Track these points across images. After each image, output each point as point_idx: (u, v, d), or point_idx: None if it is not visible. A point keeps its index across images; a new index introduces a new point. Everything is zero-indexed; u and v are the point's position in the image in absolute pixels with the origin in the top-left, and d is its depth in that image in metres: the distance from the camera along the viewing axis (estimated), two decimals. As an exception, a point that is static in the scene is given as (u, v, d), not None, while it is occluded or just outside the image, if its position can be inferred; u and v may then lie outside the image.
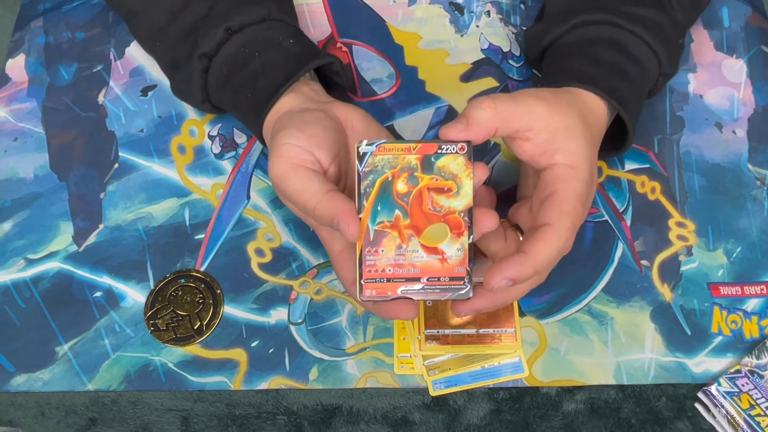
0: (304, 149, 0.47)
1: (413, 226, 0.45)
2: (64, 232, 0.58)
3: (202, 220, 0.58)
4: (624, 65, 0.53)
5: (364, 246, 0.45)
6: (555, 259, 0.46)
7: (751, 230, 0.58)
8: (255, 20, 0.54)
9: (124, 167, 0.60)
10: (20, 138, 0.61)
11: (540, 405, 0.53)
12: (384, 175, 0.45)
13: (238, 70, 0.53)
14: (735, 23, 0.66)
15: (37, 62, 0.64)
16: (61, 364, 0.54)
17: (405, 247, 0.45)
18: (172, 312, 0.55)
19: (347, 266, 0.48)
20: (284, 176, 0.47)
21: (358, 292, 0.45)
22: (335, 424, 0.53)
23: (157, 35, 0.57)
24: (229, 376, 0.53)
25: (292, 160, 0.47)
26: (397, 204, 0.45)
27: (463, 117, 0.45)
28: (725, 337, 0.55)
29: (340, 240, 0.49)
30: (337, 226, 0.44)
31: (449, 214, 0.45)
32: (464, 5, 0.67)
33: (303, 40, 0.56)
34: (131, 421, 0.53)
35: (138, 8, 0.57)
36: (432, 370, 0.52)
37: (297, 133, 0.48)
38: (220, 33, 0.53)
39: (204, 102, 0.57)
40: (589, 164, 0.47)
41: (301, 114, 0.50)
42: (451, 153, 0.45)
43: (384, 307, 0.47)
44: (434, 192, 0.45)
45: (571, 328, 0.55)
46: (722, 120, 0.62)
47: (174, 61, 0.56)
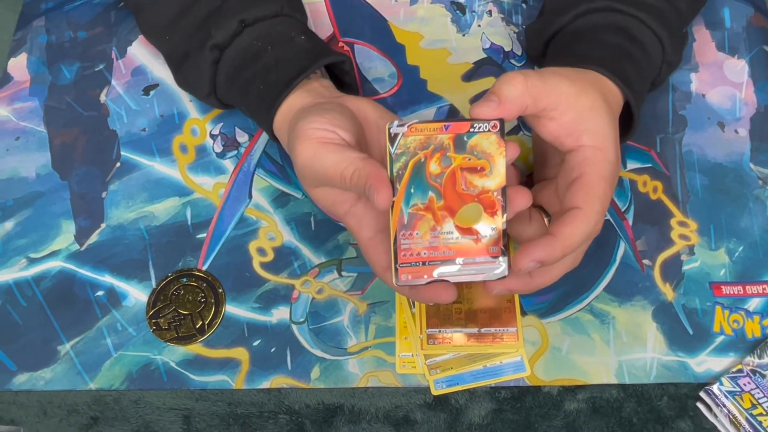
0: (328, 130, 0.47)
1: (447, 207, 0.44)
2: (66, 231, 0.58)
3: (203, 219, 0.58)
4: (629, 48, 0.52)
5: (398, 230, 0.44)
6: (585, 242, 0.46)
7: (753, 230, 0.58)
8: (268, 15, 0.55)
9: (125, 166, 0.60)
10: (22, 137, 0.61)
11: (542, 404, 0.53)
12: (417, 156, 0.44)
13: (251, 63, 0.53)
14: (736, 24, 0.66)
15: (39, 61, 0.64)
16: (62, 363, 0.54)
17: (440, 229, 0.44)
18: (173, 311, 0.55)
19: (378, 252, 0.47)
20: (315, 155, 0.46)
21: (394, 277, 0.45)
22: (337, 424, 0.53)
23: (168, 28, 0.57)
24: (231, 376, 0.53)
25: (320, 140, 0.46)
26: (431, 185, 0.44)
27: (494, 94, 0.44)
28: (727, 337, 0.55)
29: (369, 226, 0.48)
30: (369, 191, 0.43)
31: (483, 194, 0.44)
32: (466, 4, 0.67)
33: (314, 37, 0.56)
34: (133, 420, 0.53)
35: (148, 1, 0.57)
36: (434, 370, 0.52)
37: (318, 118, 0.47)
38: (233, 25, 0.54)
39: (210, 95, 0.57)
40: (615, 145, 0.47)
41: (317, 105, 0.50)
42: (484, 131, 0.44)
43: (422, 290, 0.46)
44: (467, 172, 0.44)
45: (573, 328, 0.55)
46: (724, 119, 0.62)
47: (184, 53, 0.56)
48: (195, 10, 0.55)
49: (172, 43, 0.57)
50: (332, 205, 0.49)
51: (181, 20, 0.56)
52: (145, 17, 0.59)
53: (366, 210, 0.48)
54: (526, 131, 0.61)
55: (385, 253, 0.46)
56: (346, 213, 0.49)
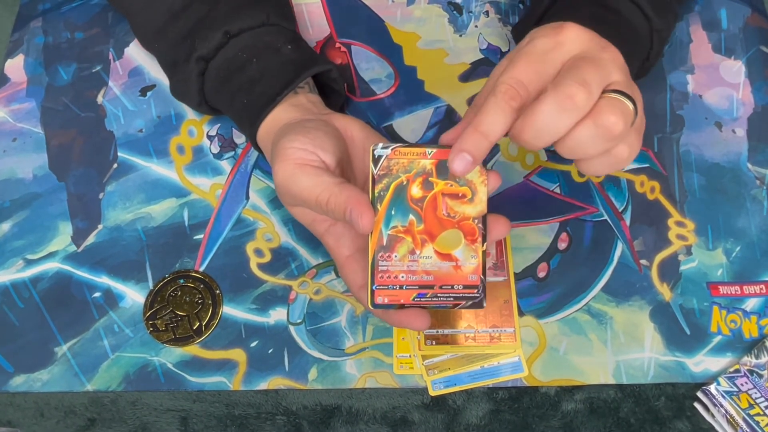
0: (308, 151, 0.47)
1: (427, 231, 0.44)
2: (63, 232, 0.58)
3: (201, 220, 0.58)
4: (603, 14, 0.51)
5: (377, 251, 0.44)
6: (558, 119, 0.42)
7: (750, 229, 0.58)
8: (254, 25, 0.54)
9: (123, 167, 0.60)
10: (19, 138, 0.61)
11: (539, 405, 0.53)
12: (399, 179, 0.44)
13: (235, 75, 0.53)
14: (733, 25, 0.66)
15: (36, 62, 0.64)
16: (60, 364, 0.54)
17: (419, 252, 0.44)
18: (171, 312, 0.55)
19: (355, 270, 0.48)
20: (292, 177, 0.46)
21: (370, 299, 0.44)
22: (334, 425, 0.53)
23: (156, 35, 0.57)
24: (229, 377, 0.53)
25: (298, 161, 0.47)
26: (412, 209, 0.44)
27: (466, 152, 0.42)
28: (724, 337, 0.55)
29: (347, 245, 0.49)
30: (350, 216, 0.43)
31: (463, 221, 0.44)
32: (463, 5, 0.67)
33: (301, 45, 0.56)
34: (130, 422, 0.53)
35: (137, 7, 0.57)
36: (431, 370, 0.52)
37: (300, 137, 0.47)
38: (218, 37, 0.53)
39: (201, 104, 0.57)
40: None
41: (301, 122, 0.50)
42: None
43: (396, 315, 0.46)
44: (449, 198, 0.44)
45: (571, 328, 0.55)
46: (722, 119, 0.62)
47: (173, 62, 0.56)
48: (183, 18, 0.55)
49: (161, 51, 0.57)
50: (312, 224, 0.50)
51: (168, 28, 0.55)
52: (136, 24, 0.58)
53: (345, 229, 0.49)
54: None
55: (362, 272, 0.47)
56: (326, 231, 0.50)
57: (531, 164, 0.60)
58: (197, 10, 0.55)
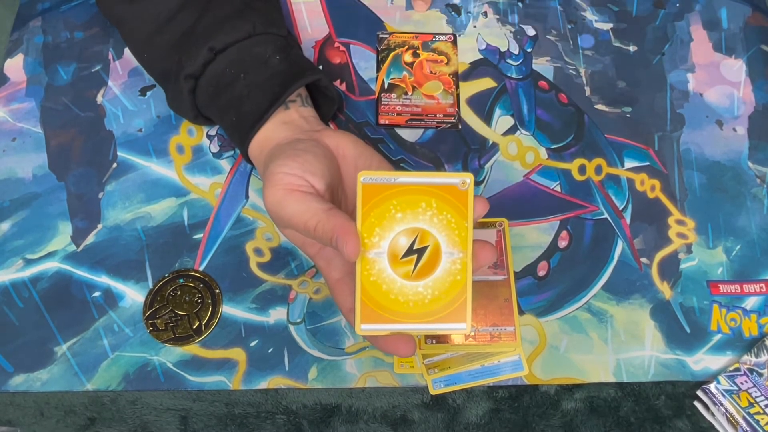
0: (297, 176, 0.47)
1: (416, 82, 0.61)
2: (63, 232, 0.58)
3: (200, 219, 0.58)
4: None
5: None
6: None
7: (750, 228, 0.58)
8: (239, 37, 0.53)
9: (122, 167, 0.60)
10: (19, 138, 0.61)
11: (539, 403, 0.53)
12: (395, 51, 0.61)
13: (224, 92, 0.53)
14: (734, 24, 0.66)
15: (35, 62, 0.64)
16: (59, 364, 0.54)
17: (410, 94, 0.61)
18: (170, 312, 0.55)
19: (345, 293, 0.48)
20: (281, 202, 0.46)
21: (357, 324, 0.44)
22: (334, 424, 0.52)
23: (144, 45, 0.56)
24: (228, 376, 0.53)
25: (287, 187, 0.47)
26: (405, 68, 0.62)
27: None
28: (724, 335, 0.55)
29: (337, 268, 0.49)
30: (336, 244, 0.43)
31: (442, 76, 0.62)
32: (461, 6, 0.67)
33: (290, 54, 0.55)
34: (130, 421, 0.53)
35: (125, 17, 0.57)
36: (431, 369, 0.52)
37: (289, 162, 0.47)
38: (203, 53, 0.53)
39: (197, 117, 0.56)
40: None
41: (291, 144, 0.50)
42: None
43: (383, 341, 0.46)
44: (431, 62, 0.62)
45: (571, 326, 0.55)
46: (722, 117, 0.62)
47: (162, 74, 0.56)
48: (169, 29, 0.54)
49: (150, 62, 0.57)
50: (303, 246, 0.51)
51: (155, 39, 0.55)
52: (125, 32, 0.58)
53: (334, 253, 0.49)
54: (523, 130, 0.61)
55: (351, 296, 0.46)
56: (316, 254, 0.50)
57: (531, 162, 0.60)
58: (183, 22, 0.54)
